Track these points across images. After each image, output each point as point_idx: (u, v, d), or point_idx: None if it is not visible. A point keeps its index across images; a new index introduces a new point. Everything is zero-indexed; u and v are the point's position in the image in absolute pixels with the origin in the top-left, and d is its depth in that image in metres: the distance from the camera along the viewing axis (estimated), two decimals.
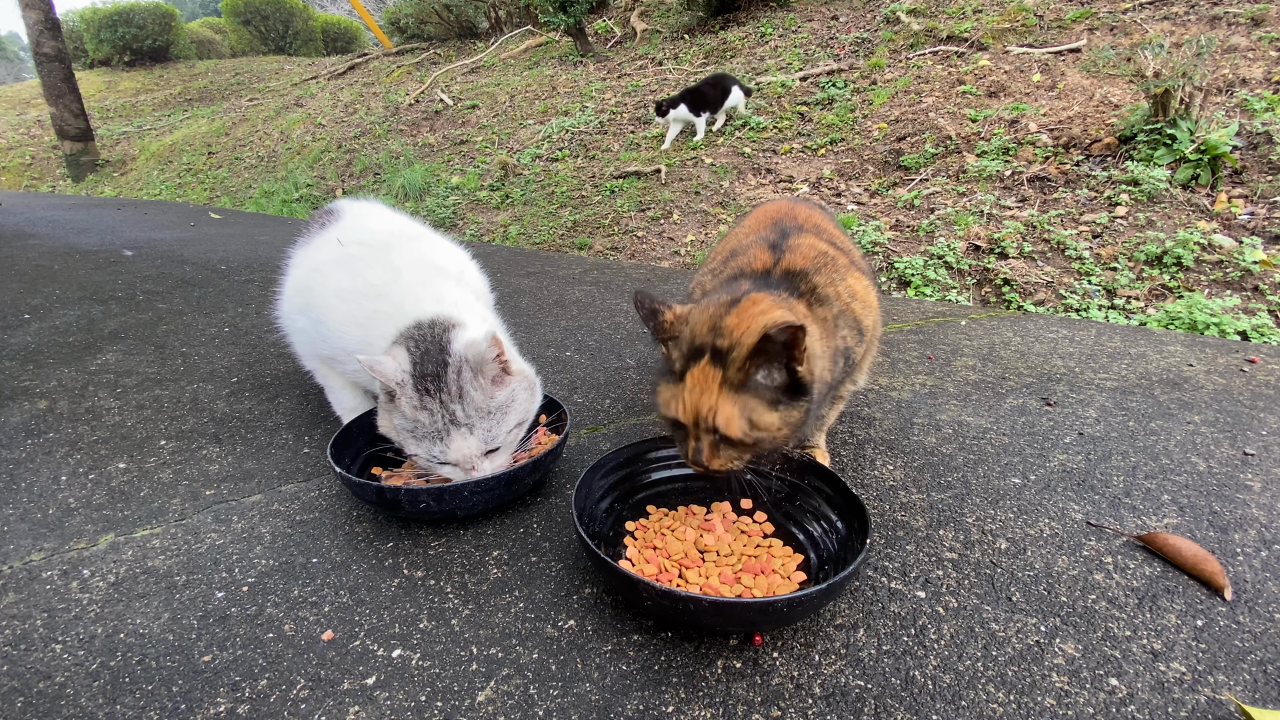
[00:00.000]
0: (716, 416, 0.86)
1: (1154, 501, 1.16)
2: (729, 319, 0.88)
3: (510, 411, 1.07)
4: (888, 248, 3.16)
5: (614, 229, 4.12)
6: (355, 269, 1.23)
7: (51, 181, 10.01)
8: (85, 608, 0.95)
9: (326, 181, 6.59)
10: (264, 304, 2.47)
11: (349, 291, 1.20)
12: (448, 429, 1.02)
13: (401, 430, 1.05)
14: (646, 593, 0.80)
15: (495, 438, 1.05)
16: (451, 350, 1.05)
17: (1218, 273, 2.56)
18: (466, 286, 1.26)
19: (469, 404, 1.03)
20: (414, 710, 0.78)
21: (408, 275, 1.20)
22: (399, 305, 1.13)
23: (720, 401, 0.86)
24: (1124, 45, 3.95)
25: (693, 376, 0.88)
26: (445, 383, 1.03)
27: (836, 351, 1.01)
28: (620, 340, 2.04)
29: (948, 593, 0.95)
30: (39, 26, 8.72)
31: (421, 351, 1.05)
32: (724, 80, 4.82)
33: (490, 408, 1.05)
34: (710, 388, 0.87)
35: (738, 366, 0.85)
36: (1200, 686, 0.80)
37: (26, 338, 2.12)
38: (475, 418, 1.04)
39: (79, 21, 14.31)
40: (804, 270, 1.02)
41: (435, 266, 1.24)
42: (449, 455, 1.03)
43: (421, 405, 1.03)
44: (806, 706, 0.77)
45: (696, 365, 0.88)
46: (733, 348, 0.86)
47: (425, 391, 1.03)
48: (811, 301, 0.99)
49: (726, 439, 0.87)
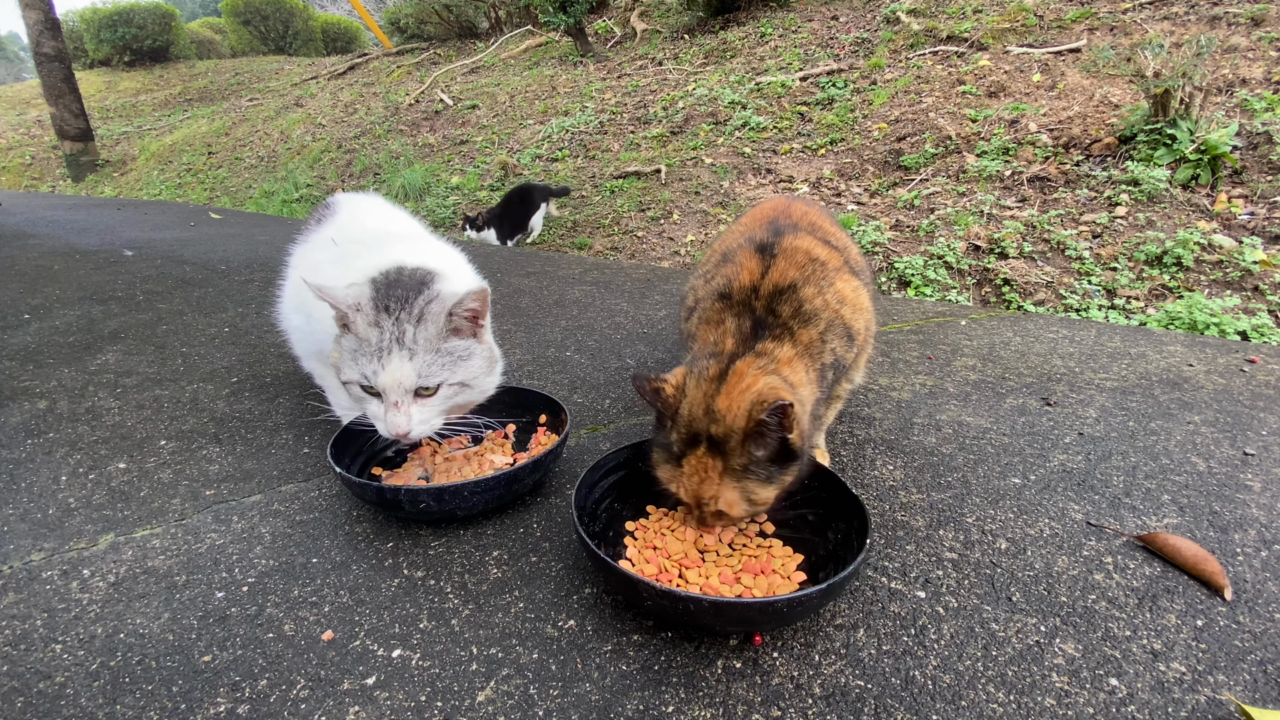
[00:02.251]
0: (719, 502, 0.90)
1: (1154, 501, 1.16)
2: (719, 401, 0.90)
3: (459, 364, 1.05)
4: (888, 248, 3.16)
5: (614, 229, 4.12)
6: (347, 263, 1.24)
7: (51, 181, 10.01)
8: (85, 608, 0.95)
9: (326, 181, 6.59)
10: (264, 304, 2.47)
11: (339, 284, 1.21)
12: (391, 347, 1.00)
13: (346, 352, 1.03)
14: (646, 593, 0.80)
15: (432, 375, 1.02)
16: (430, 285, 1.05)
17: (1218, 273, 2.56)
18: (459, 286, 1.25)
19: (422, 331, 1.01)
20: (414, 710, 0.78)
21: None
22: None
23: (721, 489, 0.90)
24: (1124, 45, 3.95)
25: (690, 464, 0.91)
26: (409, 305, 1.02)
27: (824, 368, 1.02)
28: (620, 340, 2.04)
29: (948, 593, 0.95)
30: (39, 26, 8.73)
31: (389, 281, 1.05)
32: (531, 193, 4.35)
33: (441, 347, 1.03)
34: (710, 476, 0.90)
35: (736, 455, 0.88)
36: (1200, 686, 0.80)
37: (26, 338, 2.12)
38: (421, 346, 1.01)
39: (79, 21, 14.32)
40: (792, 283, 1.02)
41: (427, 263, 1.24)
42: (380, 379, 1.00)
43: (375, 322, 1.01)
44: (806, 706, 0.77)
45: (694, 453, 0.91)
46: (728, 435, 0.88)
47: (384, 309, 1.01)
48: (797, 328, 0.99)
49: (726, 515, 0.92)
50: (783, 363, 0.96)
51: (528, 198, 4.31)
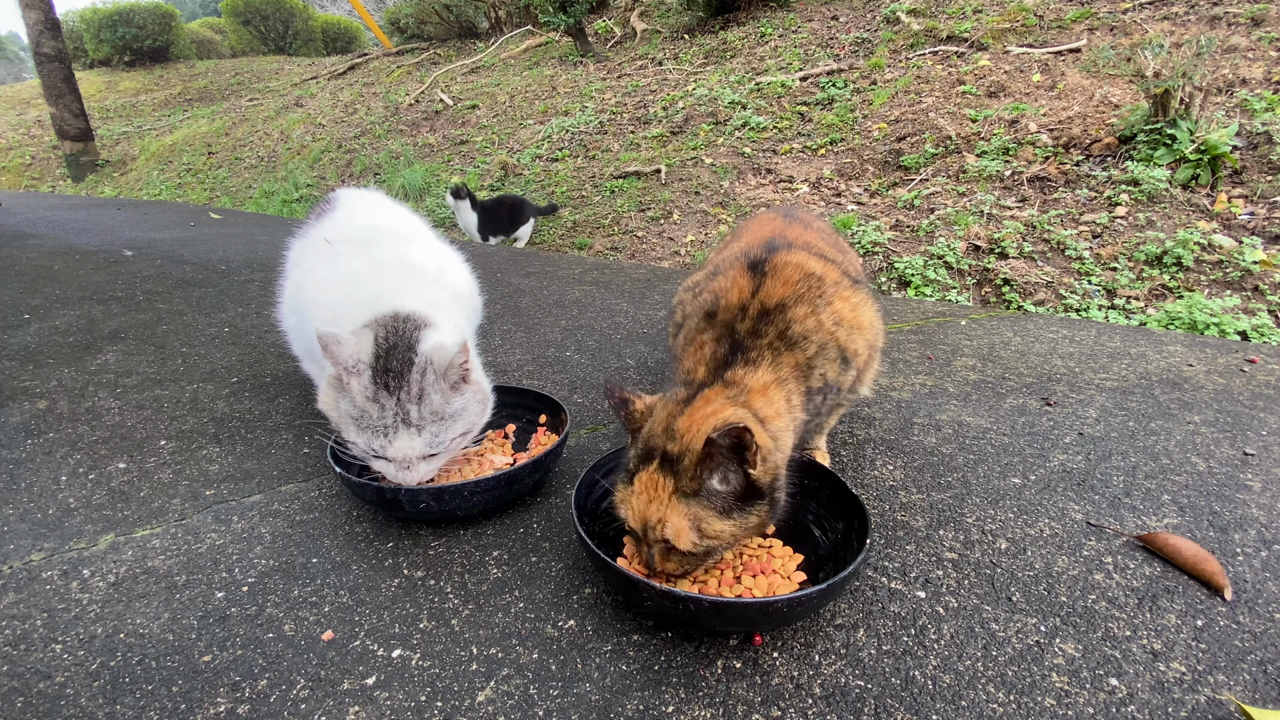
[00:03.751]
0: (665, 528, 0.82)
1: (1154, 501, 1.16)
2: (681, 420, 0.85)
3: (459, 419, 1.06)
4: (888, 248, 3.16)
5: (614, 229, 4.12)
6: (336, 262, 1.24)
7: (51, 181, 10.01)
8: (85, 608, 0.95)
9: (326, 181, 6.59)
10: (264, 304, 2.47)
11: (326, 281, 1.21)
12: (397, 426, 1.01)
13: (345, 414, 1.03)
14: (646, 593, 0.80)
15: (440, 443, 1.04)
16: (419, 349, 1.04)
17: (1218, 273, 2.56)
18: (446, 288, 1.24)
19: (425, 406, 1.02)
20: (414, 710, 0.78)
21: (384, 269, 1.20)
22: (372, 294, 1.13)
23: (669, 512, 0.82)
24: (1124, 45, 3.95)
25: (641, 481, 0.85)
26: (407, 381, 1.02)
27: (810, 393, 0.97)
28: (620, 340, 2.04)
29: (948, 593, 0.95)
30: (39, 26, 8.72)
31: (389, 345, 1.04)
32: (523, 207, 4.39)
33: (444, 413, 1.05)
34: (659, 495, 0.83)
35: (689, 475, 0.82)
36: (1200, 686, 0.80)
37: (26, 338, 2.12)
38: (427, 421, 1.02)
39: (79, 21, 14.32)
40: (781, 303, 0.98)
41: (414, 264, 1.24)
42: (389, 452, 1.01)
43: (374, 398, 1.01)
44: (806, 706, 0.77)
45: (646, 470, 0.85)
46: (683, 454, 0.82)
47: (384, 386, 1.01)
48: (781, 351, 0.95)
49: (675, 549, 0.83)
50: (755, 392, 0.90)
51: (518, 210, 4.36)
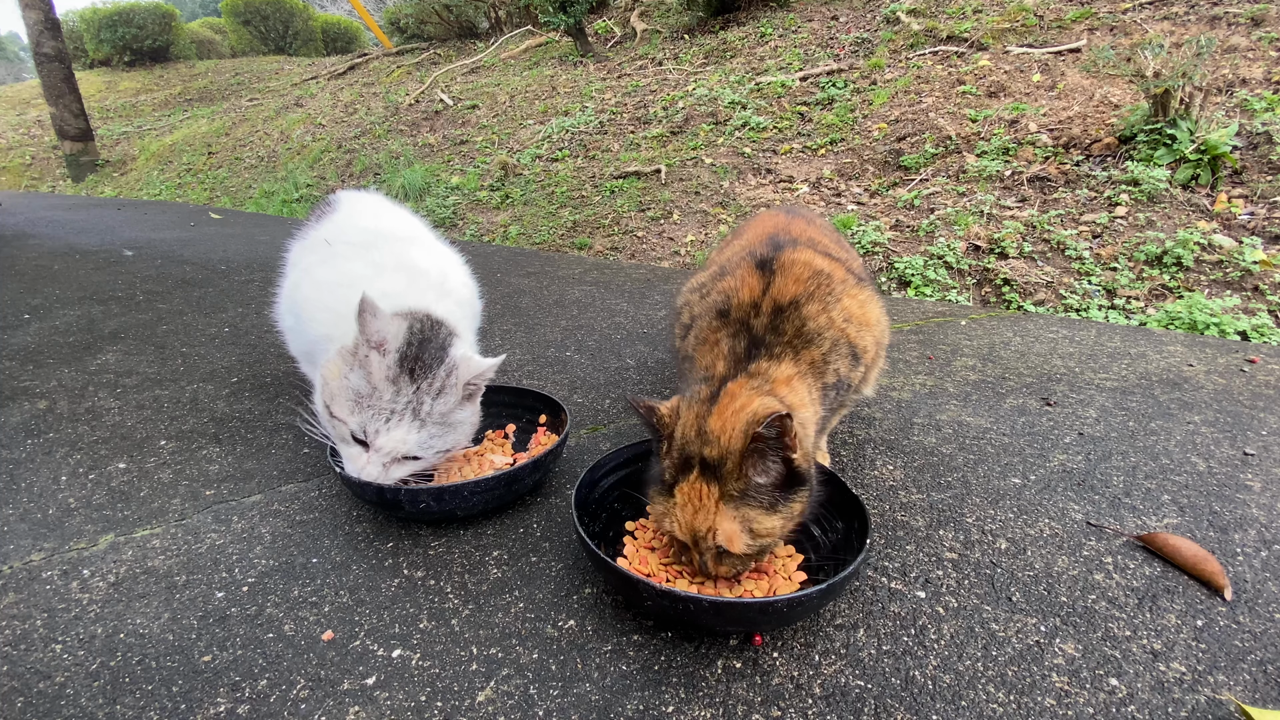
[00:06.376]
0: (717, 536, 0.82)
1: (1154, 501, 1.16)
2: (712, 421, 0.84)
3: (452, 432, 1.06)
4: (888, 248, 3.16)
5: (614, 229, 4.12)
6: (335, 264, 1.24)
7: (51, 181, 10.01)
8: (85, 608, 0.95)
9: (326, 182, 6.59)
10: (264, 304, 2.47)
11: (325, 283, 1.21)
12: (403, 414, 0.99)
13: (348, 389, 1.00)
14: (646, 593, 0.80)
15: (430, 447, 1.03)
16: (451, 353, 1.05)
17: (1218, 273, 2.56)
18: (449, 295, 1.23)
19: (439, 404, 1.02)
20: (414, 710, 0.78)
21: (386, 274, 1.19)
22: (376, 295, 1.12)
23: (719, 519, 0.82)
24: (1124, 45, 3.95)
25: (683, 493, 0.85)
26: (434, 375, 1.02)
27: (826, 389, 0.98)
28: (620, 340, 2.04)
29: (948, 593, 0.95)
30: (39, 26, 8.72)
31: (423, 338, 1.04)
32: None
33: (450, 419, 1.05)
34: (705, 504, 0.83)
35: (734, 477, 0.82)
36: (1200, 686, 0.80)
37: (26, 338, 2.12)
38: (433, 419, 1.02)
39: (79, 21, 14.31)
40: (794, 300, 0.98)
41: (416, 269, 1.24)
42: (380, 440, 0.99)
43: (394, 379, 1.00)
44: (806, 706, 0.77)
45: (686, 480, 0.85)
46: (723, 458, 0.82)
47: (408, 371, 1.00)
48: (799, 348, 0.95)
49: (729, 553, 0.84)
50: (779, 383, 0.91)
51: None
